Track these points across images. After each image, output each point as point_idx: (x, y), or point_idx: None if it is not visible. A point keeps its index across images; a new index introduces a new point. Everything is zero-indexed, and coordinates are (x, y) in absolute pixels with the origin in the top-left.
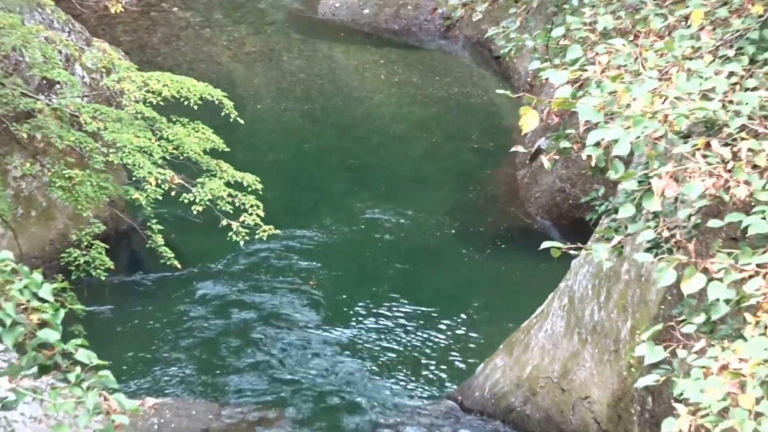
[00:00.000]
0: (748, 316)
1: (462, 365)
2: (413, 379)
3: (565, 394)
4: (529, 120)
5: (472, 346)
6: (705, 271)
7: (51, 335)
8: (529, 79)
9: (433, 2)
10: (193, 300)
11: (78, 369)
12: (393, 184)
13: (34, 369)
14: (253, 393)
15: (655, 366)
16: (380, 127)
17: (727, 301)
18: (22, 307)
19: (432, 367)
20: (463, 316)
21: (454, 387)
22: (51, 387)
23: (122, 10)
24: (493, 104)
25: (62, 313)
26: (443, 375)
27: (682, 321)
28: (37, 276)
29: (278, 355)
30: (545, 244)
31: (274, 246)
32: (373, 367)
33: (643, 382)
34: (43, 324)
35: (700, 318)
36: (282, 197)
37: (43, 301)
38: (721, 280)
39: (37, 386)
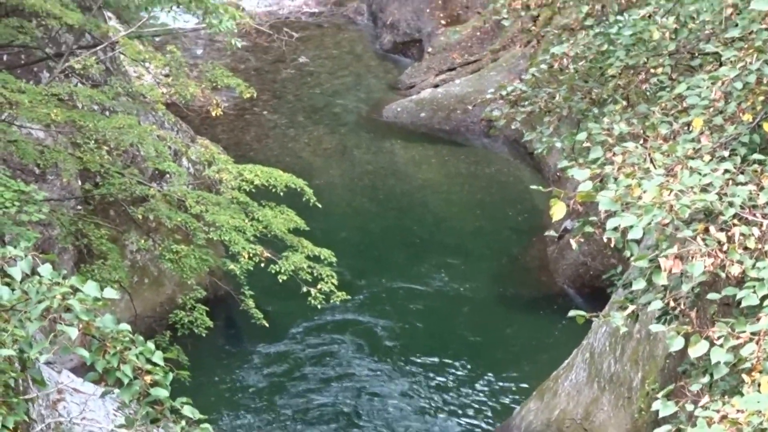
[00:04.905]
0: (744, 376)
1: (502, 408)
2: (462, 419)
3: None
4: (558, 210)
5: (510, 392)
6: (707, 337)
7: (161, 393)
8: (558, 173)
9: (477, 108)
10: (278, 354)
11: (183, 422)
12: (444, 257)
13: (147, 420)
14: None
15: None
16: (433, 210)
17: (726, 363)
18: (138, 369)
19: (477, 410)
20: (502, 367)
21: (496, 425)
22: None
23: (221, 113)
24: (527, 192)
25: (171, 376)
26: (487, 416)
27: (689, 378)
28: (150, 344)
29: (345, 401)
30: (571, 313)
31: (346, 309)
32: (427, 409)
33: None
34: (154, 383)
35: (705, 378)
36: (353, 268)
37: (155, 364)
38: (721, 345)
39: None
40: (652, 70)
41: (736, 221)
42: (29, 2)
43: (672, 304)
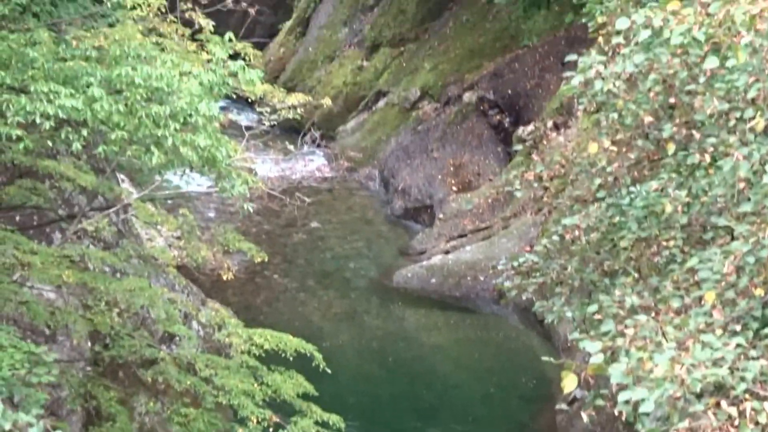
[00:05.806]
0: None
1: None
2: None
3: None
4: (569, 382)
5: None
6: None
7: None
8: (568, 342)
9: (488, 275)
10: None
11: None
12: (453, 423)
13: None
14: None
15: None
16: (442, 377)
17: None
18: None
19: None
20: None
21: None
22: None
23: (232, 276)
24: (536, 359)
25: None
26: None
27: None
28: None
29: None
30: None
31: None
32: None
33: None
34: None
35: None
36: None
37: None
38: None
39: None
40: (664, 243)
41: (747, 396)
42: (43, 164)
43: None
